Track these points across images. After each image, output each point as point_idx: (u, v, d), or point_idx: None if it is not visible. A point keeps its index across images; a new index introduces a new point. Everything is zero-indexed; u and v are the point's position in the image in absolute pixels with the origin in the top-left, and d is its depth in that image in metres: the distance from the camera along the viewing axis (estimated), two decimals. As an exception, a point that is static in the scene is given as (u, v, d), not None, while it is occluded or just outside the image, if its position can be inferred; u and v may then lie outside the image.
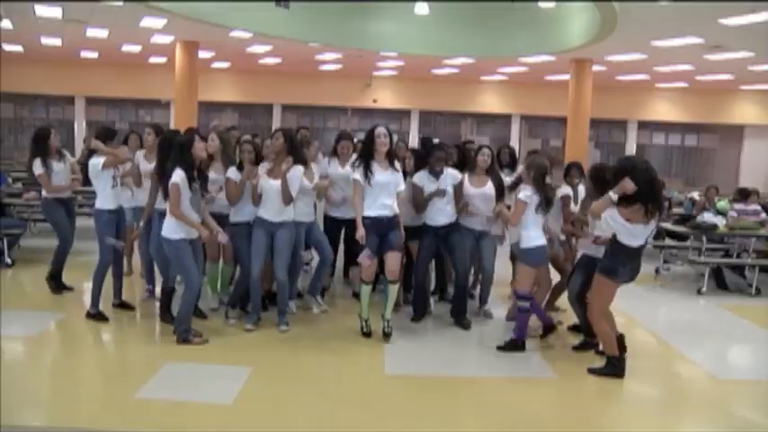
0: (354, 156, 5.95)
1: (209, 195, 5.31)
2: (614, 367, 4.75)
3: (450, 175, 5.74)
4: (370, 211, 5.20)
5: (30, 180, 9.69)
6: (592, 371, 4.80)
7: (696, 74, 16.40)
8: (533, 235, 5.11)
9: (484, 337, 5.58)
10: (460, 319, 5.80)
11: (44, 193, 6.25)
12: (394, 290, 5.36)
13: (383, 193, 5.20)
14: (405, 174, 5.74)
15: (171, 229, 4.93)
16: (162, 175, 5.08)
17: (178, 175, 4.84)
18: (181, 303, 5.07)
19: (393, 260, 5.26)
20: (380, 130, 5.23)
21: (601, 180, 5.04)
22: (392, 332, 5.37)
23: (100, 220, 5.57)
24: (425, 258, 5.87)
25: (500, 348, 5.21)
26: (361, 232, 5.15)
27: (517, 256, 5.22)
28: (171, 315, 5.34)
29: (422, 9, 11.00)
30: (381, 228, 5.20)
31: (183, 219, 4.88)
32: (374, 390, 4.46)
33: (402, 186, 5.38)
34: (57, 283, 6.28)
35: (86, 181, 5.86)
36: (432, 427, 3.94)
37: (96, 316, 5.52)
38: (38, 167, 6.09)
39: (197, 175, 5.01)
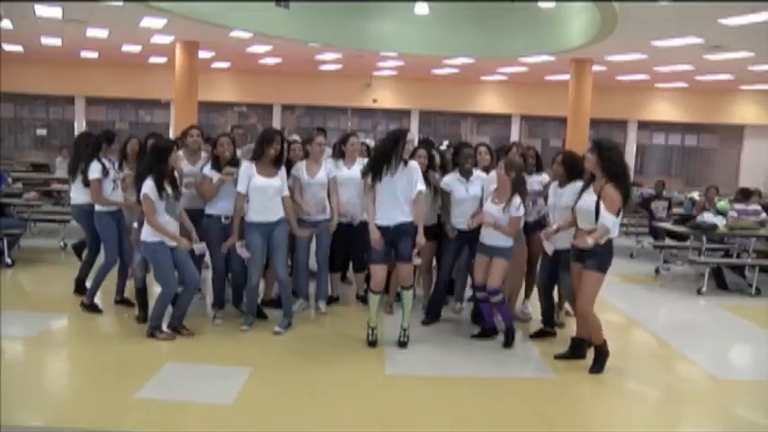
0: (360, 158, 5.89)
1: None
2: (604, 353, 4.83)
3: (480, 177, 5.62)
4: (377, 220, 5.04)
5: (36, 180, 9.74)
6: (594, 370, 4.79)
7: (696, 74, 16.41)
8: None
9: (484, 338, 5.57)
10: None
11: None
12: (409, 296, 5.24)
13: (388, 201, 5.00)
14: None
15: (149, 232, 4.99)
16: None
17: (147, 186, 4.88)
18: (155, 302, 5.14)
19: (405, 270, 5.17)
20: (411, 136, 5.14)
21: (573, 167, 5.17)
22: (409, 341, 5.25)
23: (101, 222, 5.68)
24: (449, 262, 5.76)
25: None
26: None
27: (491, 253, 5.27)
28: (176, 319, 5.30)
29: (422, 9, 11.00)
30: (390, 235, 5.03)
31: (160, 229, 4.92)
32: (374, 390, 4.45)
33: (420, 186, 5.05)
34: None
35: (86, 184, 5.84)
36: (431, 427, 3.93)
37: (90, 307, 5.70)
38: (95, 172, 5.76)
39: (170, 182, 5.02)
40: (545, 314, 5.53)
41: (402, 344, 5.21)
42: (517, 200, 5.17)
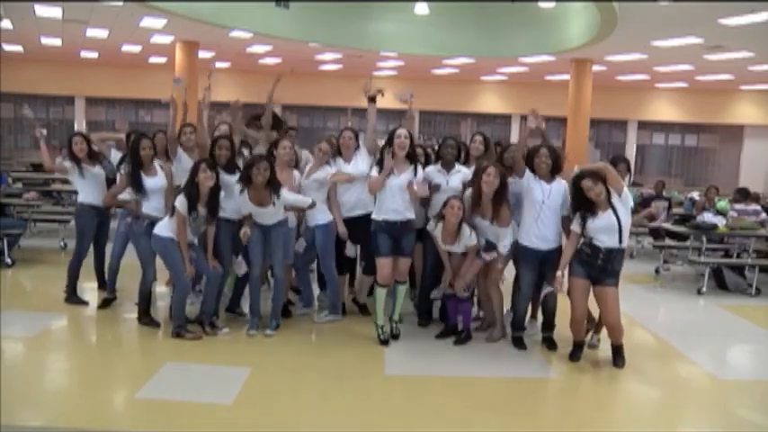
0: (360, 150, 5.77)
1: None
2: (623, 350, 5.04)
3: (462, 172, 5.59)
4: (382, 215, 5.15)
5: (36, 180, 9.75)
6: (621, 364, 4.95)
7: (696, 74, 16.41)
8: None
9: (483, 338, 5.56)
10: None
11: (79, 198, 6.04)
12: (402, 290, 5.40)
13: (395, 197, 5.10)
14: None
15: (163, 227, 5.03)
16: (133, 178, 5.29)
17: (178, 201, 4.94)
18: (172, 301, 5.19)
19: (404, 265, 5.29)
20: (401, 131, 5.14)
21: (556, 162, 5.13)
22: (400, 333, 5.40)
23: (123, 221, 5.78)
24: (430, 261, 5.66)
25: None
26: (343, 229, 5.45)
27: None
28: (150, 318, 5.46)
29: (422, 9, 11.00)
30: (395, 231, 5.15)
31: (183, 247, 4.98)
32: (374, 390, 4.46)
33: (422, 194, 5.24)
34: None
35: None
36: (432, 427, 3.94)
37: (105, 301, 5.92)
38: (66, 161, 5.99)
39: (206, 202, 5.00)
40: (550, 318, 5.41)
41: (395, 336, 5.34)
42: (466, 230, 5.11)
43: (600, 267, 4.80)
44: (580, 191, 4.77)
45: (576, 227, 4.88)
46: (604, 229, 4.75)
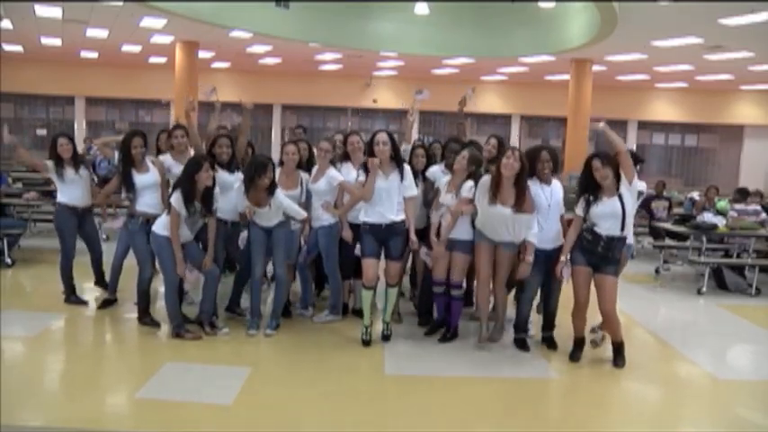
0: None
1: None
2: (623, 347, 5.04)
3: None
4: (368, 218, 5.11)
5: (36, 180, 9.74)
6: (620, 364, 4.95)
7: (696, 74, 16.41)
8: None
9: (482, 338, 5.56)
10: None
11: (58, 197, 6.02)
12: (393, 293, 5.35)
13: (381, 200, 5.04)
14: (416, 172, 5.53)
15: (161, 225, 5.05)
16: (123, 176, 5.34)
17: (174, 198, 4.93)
18: (165, 301, 5.22)
19: (393, 268, 5.23)
20: (379, 136, 5.00)
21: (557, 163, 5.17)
22: (391, 334, 5.37)
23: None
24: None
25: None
26: (348, 232, 5.39)
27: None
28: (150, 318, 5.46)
29: (422, 9, 11.01)
30: (380, 234, 5.10)
31: (175, 242, 4.96)
32: (374, 390, 4.46)
33: (413, 192, 5.16)
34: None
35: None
36: (432, 427, 3.93)
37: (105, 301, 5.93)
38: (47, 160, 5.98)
39: (201, 199, 5.00)
40: (550, 318, 5.43)
41: (386, 337, 5.32)
42: (469, 183, 5.08)
43: (600, 255, 4.80)
44: (590, 171, 4.77)
45: (579, 210, 4.87)
46: (607, 216, 4.74)
